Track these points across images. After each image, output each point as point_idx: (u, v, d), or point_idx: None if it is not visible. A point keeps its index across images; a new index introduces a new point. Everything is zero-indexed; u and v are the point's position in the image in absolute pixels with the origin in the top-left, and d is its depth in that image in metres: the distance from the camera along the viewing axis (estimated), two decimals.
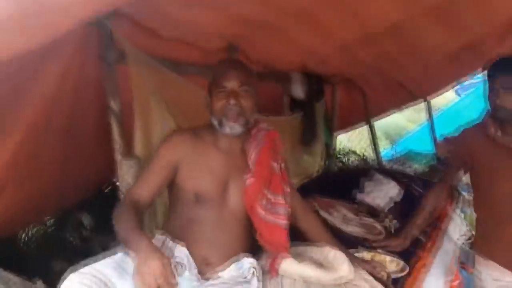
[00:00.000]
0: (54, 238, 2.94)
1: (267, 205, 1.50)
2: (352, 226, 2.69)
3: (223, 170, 1.50)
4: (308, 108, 3.53)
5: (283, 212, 1.54)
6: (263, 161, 1.52)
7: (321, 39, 2.37)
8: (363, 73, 3.66)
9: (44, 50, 1.69)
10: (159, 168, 1.50)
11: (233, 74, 1.47)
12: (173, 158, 1.49)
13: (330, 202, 2.94)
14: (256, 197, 1.47)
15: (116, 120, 1.90)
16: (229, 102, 1.42)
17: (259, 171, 1.50)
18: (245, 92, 1.46)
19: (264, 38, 2.29)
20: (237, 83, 1.45)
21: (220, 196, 1.48)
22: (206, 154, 1.51)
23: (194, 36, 2.14)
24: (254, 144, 1.54)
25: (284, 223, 1.53)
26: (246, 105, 1.45)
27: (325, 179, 3.63)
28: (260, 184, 1.49)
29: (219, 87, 1.46)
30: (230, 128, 1.45)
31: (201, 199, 1.46)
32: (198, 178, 1.49)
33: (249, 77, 1.51)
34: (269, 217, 1.50)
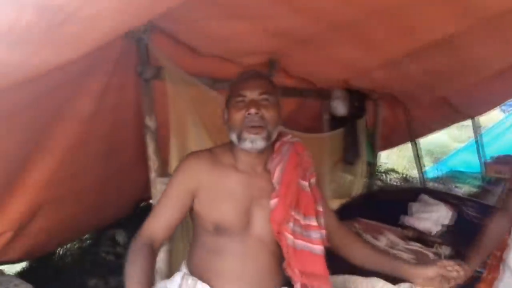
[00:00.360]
0: (88, 254, 2.94)
1: (296, 228, 1.30)
2: (398, 251, 2.50)
3: (244, 195, 1.31)
4: (350, 125, 3.38)
5: (316, 236, 1.32)
6: (289, 178, 1.31)
7: (367, 53, 2.24)
8: (409, 90, 3.47)
9: (83, 67, 1.70)
10: (174, 199, 1.33)
11: (252, 82, 1.32)
12: (189, 186, 1.32)
13: (375, 225, 2.77)
14: (282, 220, 1.28)
15: (152, 137, 1.86)
16: (249, 111, 1.26)
17: (283, 190, 1.30)
18: (267, 102, 1.29)
19: (305, 53, 2.19)
20: (257, 91, 1.29)
21: (243, 224, 1.29)
22: (224, 178, 1.33)
23: (233, 52, 2.08)
24: (277, 160, 1.34)
25: (319, 248, 1.31)
26: (268, 116, 1.28)
27: (367, 200, 3.44)
28: (285, 204, 1.29)
29: (237, 97, 1.30)
30: (251, 141, 1.26)
31: (221, 229, 1.29)
32: (216, 207, 1.31)
33: (271, 87, 1.35)
34: (299, 242, 1.30)
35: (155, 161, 1.87)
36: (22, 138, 1.64)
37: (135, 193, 2.79)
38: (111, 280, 2.73)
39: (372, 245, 1.61)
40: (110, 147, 2.18)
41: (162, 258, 1.85)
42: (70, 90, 1.75)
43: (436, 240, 2.72)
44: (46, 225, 2.21)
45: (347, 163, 3.52)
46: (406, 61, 2.74)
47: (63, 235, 2.60)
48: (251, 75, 1.37)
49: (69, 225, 2.47)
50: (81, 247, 3.14)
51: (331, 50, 2.17)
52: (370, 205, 3.28)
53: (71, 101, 1.80)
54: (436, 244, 2.54)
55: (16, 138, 1.61)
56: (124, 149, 2.28)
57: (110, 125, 2.07)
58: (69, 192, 2.19)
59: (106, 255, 2.82)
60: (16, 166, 1.76)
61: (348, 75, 2.82)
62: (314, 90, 2.97)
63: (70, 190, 2.18)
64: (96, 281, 2.80)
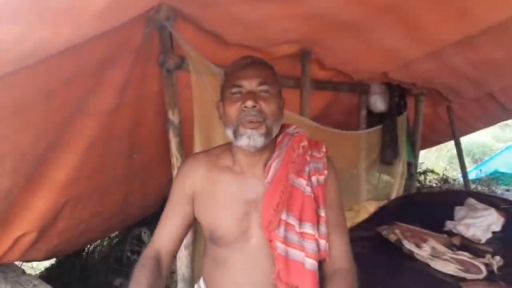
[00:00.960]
0: (115, 252, 2.87)
1: (290, 235, 1.13)
2: (443, 261, 2.26)
3: (241, 200, 1.17)
4: (389, 122, 3.14)
5: (310, 247, 1.12)
6: (278, 176, 1.14)
7: (411, 41, 2.01)
8: (453, 84, 3.20)
9: (104, 57, 1.59)
10: (176, 208, 1.24)
11: (250, 70, 1.14)
12: (186, 192, 1.22)
13: (417, 231, 2.53)
14: (267, 225, 1.12)
15: (175, 133, 1.73)
16: (246, 104, 1.09)
17: (269, 190, 1.14)
18: (266, 93, 1.12)
19: (342, 41, 1.99)
20: (255, 81, 1.12)
21: (240, 233, 1.17)
22: (220, 182, 1.19)
23: (262, 41, 1.92)
24: (275, 157, 1.18)
25: (310, 263, 1.11)
26: (267, 109, 1.11)
27: (406, 203, 3.19)
28: (269, 207, 1.12)
29: (232, 88, 1.14)
30: (248, 137, 1.10)
31: (218, 239, 1.18)
32: (211, 214, 1.20)
33: (271, 75, 1.17)
34: (293, 251, 1.12)
35: (178, 158, 1.74)
36: (38, 132, 1.55)
37: (160, 191, 2.68)
38: None
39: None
40: (132, 144, 2.08)
41: (185, 263, 1.72)
42: (90, 82, 1.65)
43: (486, 250, 2.45)
44: (70, 225, 2.14)
45: (385, 163, 3.28)
46: (452, 51, 2.50)
47: (88, 234, 2.53)
48: (249, 62, 1.17)
49: (93, 224, 2.39)
50: (109, 244, 3.10)
51: (371, 37, 1.96)
52: (410, 208, 3.04)
53: (92, 94, 1.70)
54: (489, 255, 2.27)
55: (32, 133, 1.51)
56: (146, 146, 2.17)
57: (131, 120, 1.97)
58: (92, 190, 2.11)
59: (131, 254, 2.74)
60: (35, 164, 1.67)
61: (389, 67, 2.59)
62: (351, 83, 2.76)
63: (92, 188, 2.10)
64: (121, 281, 2.75)
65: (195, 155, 1.29)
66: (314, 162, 1.21)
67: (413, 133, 3.68)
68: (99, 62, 1.59)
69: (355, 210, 2.97)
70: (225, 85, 1.18)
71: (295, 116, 2.26)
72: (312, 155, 1.21)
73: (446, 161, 9.46)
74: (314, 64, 2.33)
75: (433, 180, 6.49)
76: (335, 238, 1.18)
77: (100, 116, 1.78)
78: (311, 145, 1.23)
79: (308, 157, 1.20)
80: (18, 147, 1.48)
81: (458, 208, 2.99)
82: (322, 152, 1.23)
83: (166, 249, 1.20)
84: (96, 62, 1.58)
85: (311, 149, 1.22)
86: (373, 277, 1.98)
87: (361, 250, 2.37)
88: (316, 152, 1.23)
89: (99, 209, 2.29)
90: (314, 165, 1.20)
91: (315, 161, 1.21)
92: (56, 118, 1.58)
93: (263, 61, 1.20)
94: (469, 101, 4.28)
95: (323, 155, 1.23)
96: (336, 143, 2.67)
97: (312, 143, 1.24)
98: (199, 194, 1.21)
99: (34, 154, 1.61)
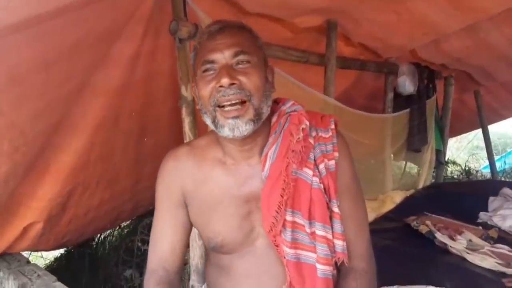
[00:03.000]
0: (125, 242, 2.76)
1: (299, 236, 0.94)
2: (481, 255, 2.07)
3: (239, 199, 0.97)
4: (417, 106, 2.93)
5: (322, 251, 0.92)
6: (276, 169, 0.93)
7: (452, 11, 1.80)
8: (488, 64, 2.98)
9: (111, 29, 1.44)
10: (168, 217, 1.02)
11: (221, 39, 0.89)
12: (176, 194, 1.01)
13: (451, 223, 2.34)
14: (270, 229, 0.92)
15: (188, 111, 1.57)
16: (221, 83, 0.86)
17: (267, 187, 0.93)
18: (246, 64, 0.88)
19: (373, 9, 1.80)
20: (229, 52, 0.88)
21: (242, 237, 0.98)
22: (212, 179, 0.99)
23: (286, 10, 1.76)
24: (270, 143, 0.95)
25: (322, 270, 0.92)
26: (250, 84, 0.87)
27: (435, 192, 3.00)
28: (269, 207, 0.92)
29: (203, 64, 0.90)
30: (230, 128, 0.88)
31: (218, 246, 0.99)
32: (206, 219, 1.00)
33: (249, 40, 0.92)
34: (303, 253, 0.94)
35: (192, 139, 1.57)
36: (37, 108, 1.40)
37: None
38: None
39: None
40: (143, 125, 1.94)
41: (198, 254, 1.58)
42: (95, 54, 1.51)
43: None
44: (78, 213, 2.03)
45: (412, 150, 3.07)
46: (489, 26, 2.29)
47: (97, 223, 2.40)
48: (217, 28, 0.91)
49: (102, 213, 2.27)
50: (119, 235, 3.00)
51: (406, 5, 1.76)
52: (439, 199, 2.87)
53: (98, 69, 1.56)
54: None
55: (31, 108, 1.37)
56: (158, 127, 2.02)
57: (142, 99, 1.82)
58: (100, 176, 1.97)
59: (142, 244, 2.61)
60: (37, 146, 1.53)
61: (420, 42, 2.38)
62: (377, 62, 2.56)
63: (101, 174, 1.96)
64: (132, 272, 2.65)
65: (176, 150, 1.04)
66: (321, 145, 0.97)
67: (442, 118, 3.46)
68: (104, 31, 1.45)
69: (380, 199, 2.79)
70: (195, 62, 0.94)
71: (318, 94, 2.08)
72: (317, 136, 0.97)
73: (467, 152, 9.20)
74: (340, 40, 2.14)
75: (455, 171, 6.28)
76: (350, 232, 0.97)
77: (108, 94, 1.63)
78: (316, 122, 0.99)
79: (312, 140, 0.96)
80: (16, 124, 1.35)
81: (492, 198, 2.80)
82: (330, 130, 0.98)
83: (171, 265, 1.00)
84: (101, 31, 1.43)
85: (316, 129, 0.98)
86: (404, 272, 1.81)
87: (389, 242, 2.21)
88: (322, 131, 0.98)
89: (108, 196, 2.16)
90: (321, 148, 0.96)
91: (322, 143, 0.97)
92: (57, 94, 1.44)
93: (237, 24, 0.95)
94: (497, 86, 4.07)
95: (331, 133, 0.98)
96: (361, 127, 2.48)
97: (316, 119, 1.00)
98: (190, 196, 1.00)
99: (34, 133, 1.47)
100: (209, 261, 1.09)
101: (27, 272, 1.75)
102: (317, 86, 2.15)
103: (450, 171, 6.15)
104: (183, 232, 1.02)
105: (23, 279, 1.65)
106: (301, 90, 1.99)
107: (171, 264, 1.00)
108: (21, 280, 1.64)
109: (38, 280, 1.66)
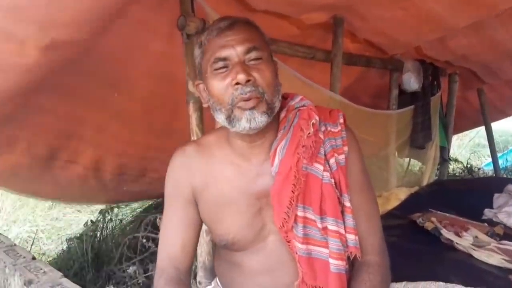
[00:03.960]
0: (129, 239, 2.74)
1: (311, 231, 0.94)
2: (488, 252, 2.06)
3: (250, 196, 0.97)
4: (421, 103, 2.92)
5: (335, 246, 0.92)
6: (286, 165, 0.93)
7: (460, 7, 1.79)
8: (493, 61, 2.97)
9: None
10: (179, 214, 1.02)
11: (232, 35, 0.88)
12: (186, 191, 1.01)
13: (457, 219, 2.33)
14: (282, 225, 0.92)
15: (195, 106, 1.56)
16: (237, 79, 0.85)
17: (277, 184, 0.93)
18: (258, 60, 0.88)
19: (378, 7, 1.80)
20: (243, 48, 0.87)
21: (254, 235, 0.98)
22: (222, 176, 0.99)
23: (292, 7, 1.75)
24: (279, 139, 0.95)
25: (335, 264, 0.91)
26: (263, 81, 0.88)
27: (440, 190, 2.99)
28: (281, 203, 0.92)
29: (215, 62, 0.89)
30: (247, 120, 0.87)
31: (229, 244, 0.99)
32: (216, 218, 1.00)
33: (259, 37, 0.92)
34: (315, 248, 0.93)
35: (199, 135, 1.57)
36: None
37: None
38: (150, 268, 2.54)
39: None
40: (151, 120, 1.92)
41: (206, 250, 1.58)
42: None
43: None
44: None
45: (416, 146, 3.06)
46: (496, 23, 2.27)
47: None
48: (228, 24, 0.90)
49: None
50: (123, 231, 2.99)
51: (411, 1, 1.75)
52: (443, 196, 2.85)
53: None
54: None
55: None
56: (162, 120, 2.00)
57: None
58: None
59: (146, 241, 2.61)
60: None
61: (426, 39, 2.37)
62: (383, 59, 2.55)
63: None
64: (135, 269, 2.64)
65: (184, 147, 1.04)
66: (331, 139, 0.97)
67: (446, 115, 3.45)
68: None
69: (384, 196, 2.78)
70: (203, 60, 0.92)
71: (324, 91, 2.07)
72: (327, 131, 0.97)
73: (468, 150, 9.20)
74: (346, 36, 2.13)
75: (457, 169, 6.28)
76: (362, 226, 0.97)
77: None
78: (324, 117, 0.99)
79: (322, 135, 0.96)
80: None
81: (497, 195, 2.78)
82: (339, 124, 0.99)
83: (182, 265, 0.99)
84: None
85: (325, 123, 0.98)
86: (410, 269, 1.80)
87: (394, 239, 2.20)
88: (332, 126, 0.98)
89: None
90: (331, 142, 0.96)
91: (332, 138, 0.97)
92: None
93: (246, 20, 0.94)
94: (501, 84, 4.06)
95: (340, 128, 0.98)
96: (366, 124, 2.47)
97: (325, 114, 1.00)
98: (200, 193, 1.00)
99: None
100: (219, 257, 1.08)
101: (33, 268, 1.74)
102: (322, 83, 2.15)
103: (452, 168, 6.15)
104: (194, 229, 1.01)
105: (29, 276, 1.64)
106: (307, 86, 1.98)
107: (182, 263, 0.99)
108: (27, 277, 1.63)
109: (44, 276, 1.65)
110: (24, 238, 3.52)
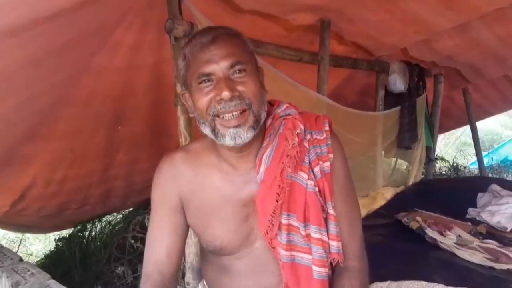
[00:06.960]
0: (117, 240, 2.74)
1: (294, 238, 0.95)
2: (470, 250, 2.12)
3: (237, 203, 0.98)
4: (407, 103, 2.96)
5: (317, 253, 0.94)
6: (271, 174, 0.93)
7: (444, 9, 1.83)
8: (478, 61, 3.01)
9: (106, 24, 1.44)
10: (165, 220, 1.01)
11: (216, 50, 0.88)
12: (173, 198, 1.01)
13: (441, 219, 2.39)
14: (266, 231, 0.94)
15: (183, 109, 1.57)
16: (221, 96, 0.86)
17: (262, 192, 0.94)
18: (243, 73, 0.88)
19: (364, 10, 1.83)
20: (226, 63, 0.87)
21: (243, 239, 0.99)
22: (209, 183, 0.99)
23: (279, 7, 1.76)
24: (265, 147, 0.95)
25: (317, 271, 0.94)
26: (249, 93, 0.88)
27: (425, 189, 3.04)
28: (265, 211, 0.94)
29: (199, 77, 0.88)
30: (232, 137, 0.88)
31: (217, 249, 1.00)
32: (205, 224, 1.01)
33: (243, 47, 0.92)
34: (298, 254, 0.95)
35: (187, 138, 1.58)
36: None
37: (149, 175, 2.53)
38: (138, 268, 2.54)
39: None
40: (118, 113, 1.95)
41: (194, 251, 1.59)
42: None
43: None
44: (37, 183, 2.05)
45: (402, 147, 3.10)
46: (480, 25, 2.32)
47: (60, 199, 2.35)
48: (211, 38, 0.88)
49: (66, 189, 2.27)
50: (111, 231, 2.98)
51: (398, 4, 1.78)
52: (429, 195, 2.91)
53: None
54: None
55: None
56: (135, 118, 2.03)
57: (119, 88, 1.83)
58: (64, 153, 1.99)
59: (134, 242, 2.60)
60: None
61: (412, 41, 2.41)
62: (369, 61, 2.58)
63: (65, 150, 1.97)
64: (124, 269, 2.64)
65: (171, 154, 1.03)
66: (316, 147, 0.97)
67: (432, 115, 3.50)
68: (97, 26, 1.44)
69: (371, 196, 2.82)
70: (188, 72, 0.92)
71: (311, 92, 2.09)
72: (312, 139, 0.98)
73: (454, 148, 9.31)
74: (333, 38, 2.15)
75: (443, 168, 6.36)
76: (344, 232, 0.99)
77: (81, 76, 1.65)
78: (310, 124, 0.99)
79: (307, 144, 0.96)
80: None
81: (480, 194, 2.85)
82: (325, 132, 0.99)
83: (167, 270, 0.99)
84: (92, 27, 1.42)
85: (310, 131, 0.99)
86: (396, 267, 1.84)
87: (380, 238, 2.24)
88: (317, 133, 0.99)
89: (73, 174, 2.16)
90: (316, 150, 0.97)
91: (317, 145, 0.98)
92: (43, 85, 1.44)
93: (229, 31, 0.93)
94: (485, 84, 4.13)
95: (326, 135, 0.99)
96: (353, 125, 2.50)
97: (311, 121, 1.00)
98: (188, 201, 1.00)
99: None
100: (207, 261, 1.09)
101: (20, 270, 1.73)
102: (310, 85, 2.16)
103: (438, 167, 6.22)
104: (180, 236, 1.01)
105: (17, 277, 1.63)
106: (295, 88, 2.00)
107: (167, 268, 0.99)
108: (14, 279, 1.62)
109: (32, 278, 1.64)
110: (11, 238, 3.49)
